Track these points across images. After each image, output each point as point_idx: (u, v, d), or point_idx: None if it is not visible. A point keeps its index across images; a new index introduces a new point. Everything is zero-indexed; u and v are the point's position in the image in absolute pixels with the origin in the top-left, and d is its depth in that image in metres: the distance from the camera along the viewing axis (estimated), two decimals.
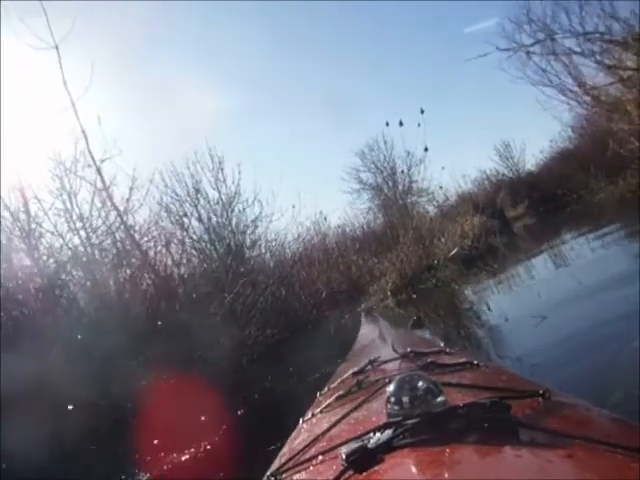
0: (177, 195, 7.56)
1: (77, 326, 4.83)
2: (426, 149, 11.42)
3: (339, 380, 1.90)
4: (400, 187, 16.15)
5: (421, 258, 11.26)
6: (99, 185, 6.07)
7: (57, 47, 6.11)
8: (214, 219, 8.04)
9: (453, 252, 10.86)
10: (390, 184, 17.98)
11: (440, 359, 1.64)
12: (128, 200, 6.26)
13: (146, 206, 6.75)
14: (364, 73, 36.45)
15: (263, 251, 7.67)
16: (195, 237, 7.45)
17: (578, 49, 7.70)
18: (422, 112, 11.04)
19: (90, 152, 6.40)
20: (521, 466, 0.77)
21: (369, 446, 0.89)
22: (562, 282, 6.18)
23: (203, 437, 4.53)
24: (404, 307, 9.71)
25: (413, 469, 0.81)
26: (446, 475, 0.78)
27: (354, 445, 0.90)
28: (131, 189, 6.43)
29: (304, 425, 1.54)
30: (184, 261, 6.82)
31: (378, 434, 0.92)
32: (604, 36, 6.12)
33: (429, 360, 1.61)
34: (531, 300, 5.76)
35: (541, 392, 1.02)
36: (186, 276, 6.49)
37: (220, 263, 7.15)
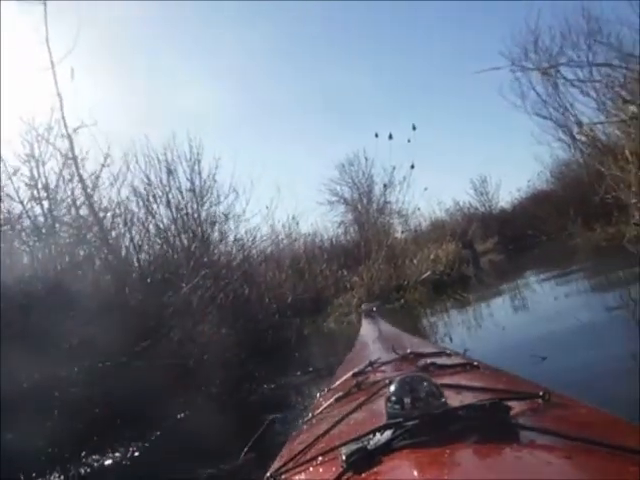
0: (148, 179, 7.00)
1: (15, 298, 4.16)
2: (412, 166, 11.07)
3: (339, 381, 1.90)
4: (374, 205, 15.68)
5: (391, 277, 10.90)
6: (70, 155, 5.46)
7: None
8: (183, 209, 7.41)
9: (425, 275, 10.48)
10: (365, 201, 17.55)
11: (440, 360, 1.66)
12: (97, 177, 5.72)
13: (117, 186, 6.16)
14: (361, 77, 35.84)
15: (230, 248, 7.03)
16: (162, 225, 6.85)
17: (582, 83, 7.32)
18: (414, 128, 10.78)
19: (63, 118, 6.11)
20: (521, 467, 0.76)
21: (369, 447, 0.87)
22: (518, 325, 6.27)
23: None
24: None
25: (413, 470, 0.80)
26: (446, 476, 0.77)
27: (354, 446, 0.88)
28: (102, 166, 5.87)
29: (304, 426, 1.55)
30: (146, 247, 6.21)
31: (378, 435, 0.90)
32: (613, 68, 5.72)
33: (429, 361, 1.62)
34: (490, 338, 5.83)
35: (540, 393, 1.02)
36: (143, 262, 5.86)
37: (183, 253, 6.53)
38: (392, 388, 1.01)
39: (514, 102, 9.13)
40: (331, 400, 1.58)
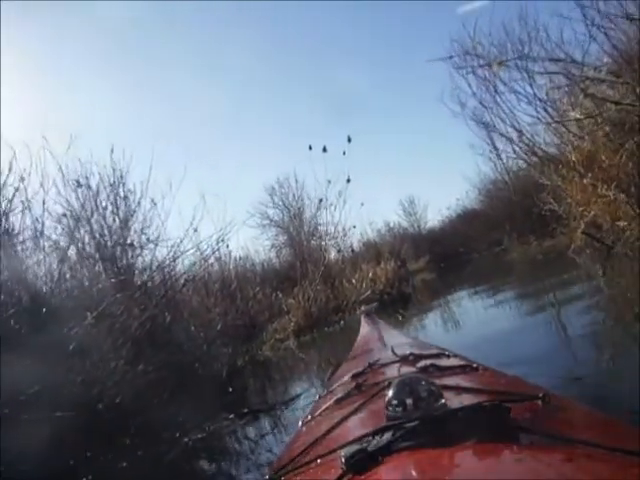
0: (70, 205, 6.11)
1: None
2: (348, 180, 10.52)
3: (338, 383, 1.89)
4: (306, 228, 15.27)
5: (329, 298, 10.13)
6: None
7: None
8: (106, 234, 6.93)
9: (365, 295, 9.93)
10: (296, 223, 17.12)
11: (440, 362, 1.65)
12: (11, 201, 4.68)
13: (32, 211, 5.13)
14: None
15: (150, 271, 6.01)
16: (83, 252, 5.87)
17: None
18: (349, 140, 10.34)
19: None
20: (520, 470, 0.76)
21: (369, 449, 0.87)
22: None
23: None
24: (306, 350, 8.97)
25: (413, 472, 0.80)
26: (446, 478, 0.77)
27: (354, 448, 0.88)
28: (17, 189, 4.82)
29: (303, 428, 1.57)
30: (68, 275, 5.19)
31: (378, 437, 0.90)
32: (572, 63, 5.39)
33: (429, 363, 1.62)
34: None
35: (540, 395, 1.04)
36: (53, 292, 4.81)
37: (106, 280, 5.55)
38: (392, 390, 1.01)
39: (454, 110, 8.70)
40: (330, 402, 1.60)
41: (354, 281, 11.94)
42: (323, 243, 12.75)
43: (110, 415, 4.37)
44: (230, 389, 6.41)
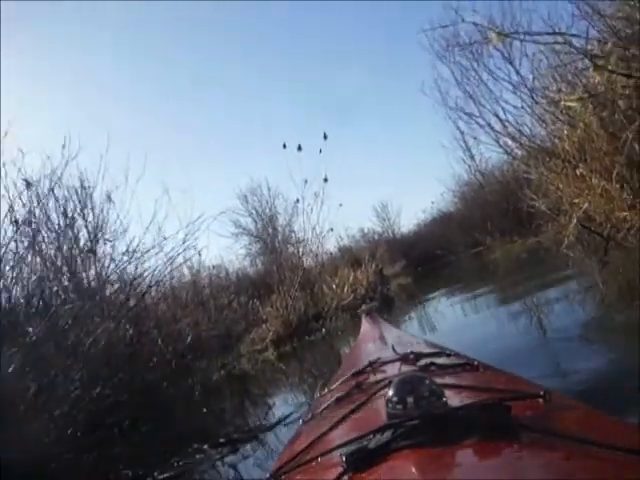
0: (35, 216, 5.49)
1: None
2: (325, 179, 9.95)
3: (339, 381, 1.89)
4: (280, 236, 14.86)
5: (309, 305, 9.50)
6: None
7: None
8: (74, 247, 6.24)
9: (346, 301, 9.29)
10: (270, 231, 16.69)
11: (440, 360, 1.68)
12: None
13: None
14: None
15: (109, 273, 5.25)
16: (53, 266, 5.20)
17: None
18: (325, 138, 9.86)
19: None
20: (521, 468, 0.78)
21: (369, 447, 0.88)
22: None
23: None
24: (287, 361, 8.43)
25: (413, 470, 0.80)
26: (446, 476, 0.80)
27: (354, 446, 0.89)
28: None
29: (304, 426, 1.57)
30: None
31: (378, 435, 0.91)
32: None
33: (429, 361, 1.64)
34: None
35: (541, 393, 1.03)
36: None
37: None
38: (392, 388, 1.02)
39: (436, 99, 8.27)
40: (331, 400, 1.58)
41: (334, 286, 11.58)
42: (300, 247, 12.09)
43: (58, 452, 3.60)
44: (205, 409, 5.66)
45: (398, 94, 37.09)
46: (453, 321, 7.12)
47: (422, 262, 22.37)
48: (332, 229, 14.00)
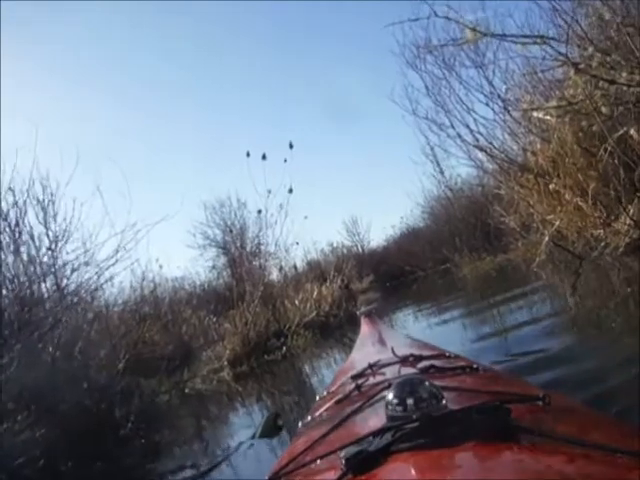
0: None
1: None
2: (290, 190, 9.42)
3: (338, 384, 1.94)
4: (248, 248, 14.38)
5: (269, 322, 9.00)
6: None
7: None
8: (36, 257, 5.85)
9: (309, 317, 8.84)
10: (238, 244, 16.18)
11: (440, 363, 1.69)
12: None
13: None
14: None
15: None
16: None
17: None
18: (291, 147, 9.47)
19: None
20: (521, 470, 0.76)
21: (369, 450, 0.87)
22: None
23: None
24: (244, 382, 7.86)
25: (413, 473, 0.79)
26: (446, 479, 0.78)
27: (354, 449, 0.88)
28: None
29: (304, 429, 1.58)
30: None
31: (378, 438, 0.90)
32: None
33: (429, 364, 1.64)
34: None
35: (541, 396, 1.03)
36: None
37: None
38: (392, 391, 1.01)
39: (405, 108, 7.87)
40: (331, 403, 1.59)
41: (297, 302, 11.19)
42: (263, 261, 11.50)
43: None
44: (142, 440, 5.01)
45: (367, 102, 36.73)
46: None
47: (391, 278, 22.15)
48: (298, 242, 13.52)
